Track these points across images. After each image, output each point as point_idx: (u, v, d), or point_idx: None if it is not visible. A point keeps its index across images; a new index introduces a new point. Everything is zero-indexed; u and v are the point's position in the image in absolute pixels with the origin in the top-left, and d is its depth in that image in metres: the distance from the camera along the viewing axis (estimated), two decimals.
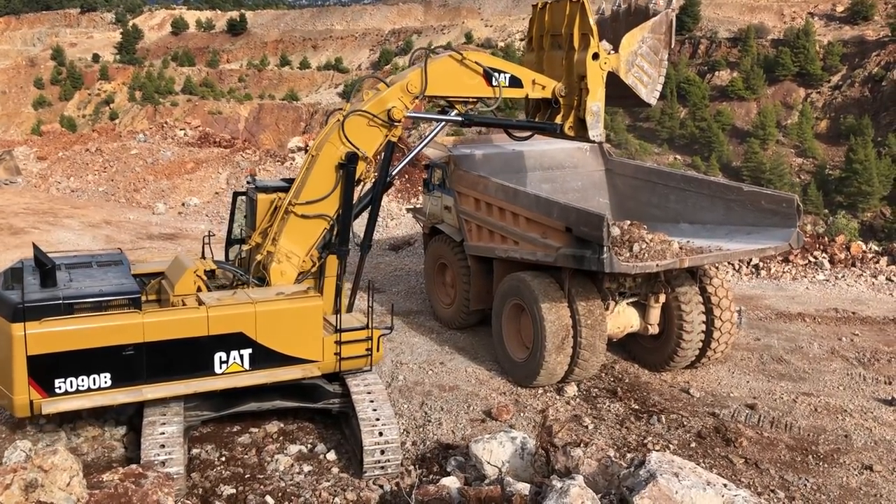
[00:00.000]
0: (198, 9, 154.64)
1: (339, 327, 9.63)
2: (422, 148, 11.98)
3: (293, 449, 9.84)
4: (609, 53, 10.94)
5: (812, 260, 18.89)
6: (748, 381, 12.27)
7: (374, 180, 10.64)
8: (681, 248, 10.86)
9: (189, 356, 8.80)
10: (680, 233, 11.91)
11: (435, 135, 11.70)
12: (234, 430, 10.28)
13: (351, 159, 10.03)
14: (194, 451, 9.71)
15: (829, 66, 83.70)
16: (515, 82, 10.96)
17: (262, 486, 8.90)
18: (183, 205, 27.55)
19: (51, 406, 8.35)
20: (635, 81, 11.14)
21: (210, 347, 8.87)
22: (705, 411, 11.21)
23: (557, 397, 11.57)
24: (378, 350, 9.99)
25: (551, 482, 6.06)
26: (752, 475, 9.48)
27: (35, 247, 9.18)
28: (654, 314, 12.02)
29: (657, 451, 8.72)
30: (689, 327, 11.84)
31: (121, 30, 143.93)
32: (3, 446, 9.21)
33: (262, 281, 10.15)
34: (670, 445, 10.14)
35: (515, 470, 7.79)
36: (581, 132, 11.07)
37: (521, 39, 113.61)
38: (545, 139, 15.60)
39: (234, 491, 8.81)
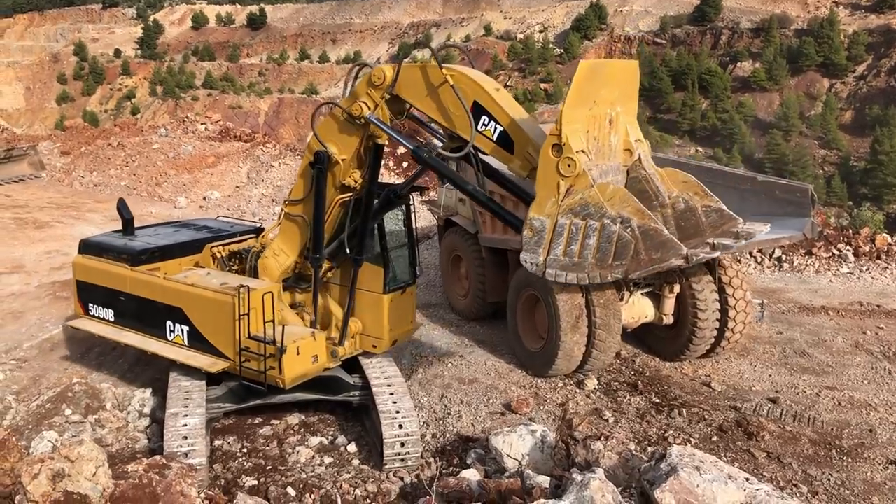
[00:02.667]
0: (218, 3, 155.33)
1: (247, 334, 9.06)
2: (418, 175, 9.90)
3: (314, 441, 9.91)
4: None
5: (836, 253, 18.64)
6: (770, 375, 12.15)
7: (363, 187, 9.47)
8: None
9: (153, 317, 9.96)
10: None
11: (417, 175, 9.88)
12: (256, 421, 10.37)
13: (318, 159, 9.16)
14: (216, 442, 9.82)
15: (854, 56, 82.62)
16: (505, 141, 7.75)
17: (283, 478, 8.96)
18: (204, 198, 27.75)
19: (80, 323, 10.82)
20: (551, 230, 6.99)
21: (164, 314, 9.84)
22: (727, 405, 11.13)
23: (577, 391, 11.54)
24: (281, 372, 9.00)
25: (571, 475, 6.05)
26: (775, 469, 9.40)
27: (120, 200, 11.44)
28: (669, 304, 11.92)
29: (678, 444, 8.68)
30: (703, 315, 11.73)
31: (142, 25, 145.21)
32: (31, 437, 9.38)
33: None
34: (691, 439, 10.07)
35: (535, 463, 7.78)
36: None
37: (541, 31, 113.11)
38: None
39: (255, 482, 8.89)
